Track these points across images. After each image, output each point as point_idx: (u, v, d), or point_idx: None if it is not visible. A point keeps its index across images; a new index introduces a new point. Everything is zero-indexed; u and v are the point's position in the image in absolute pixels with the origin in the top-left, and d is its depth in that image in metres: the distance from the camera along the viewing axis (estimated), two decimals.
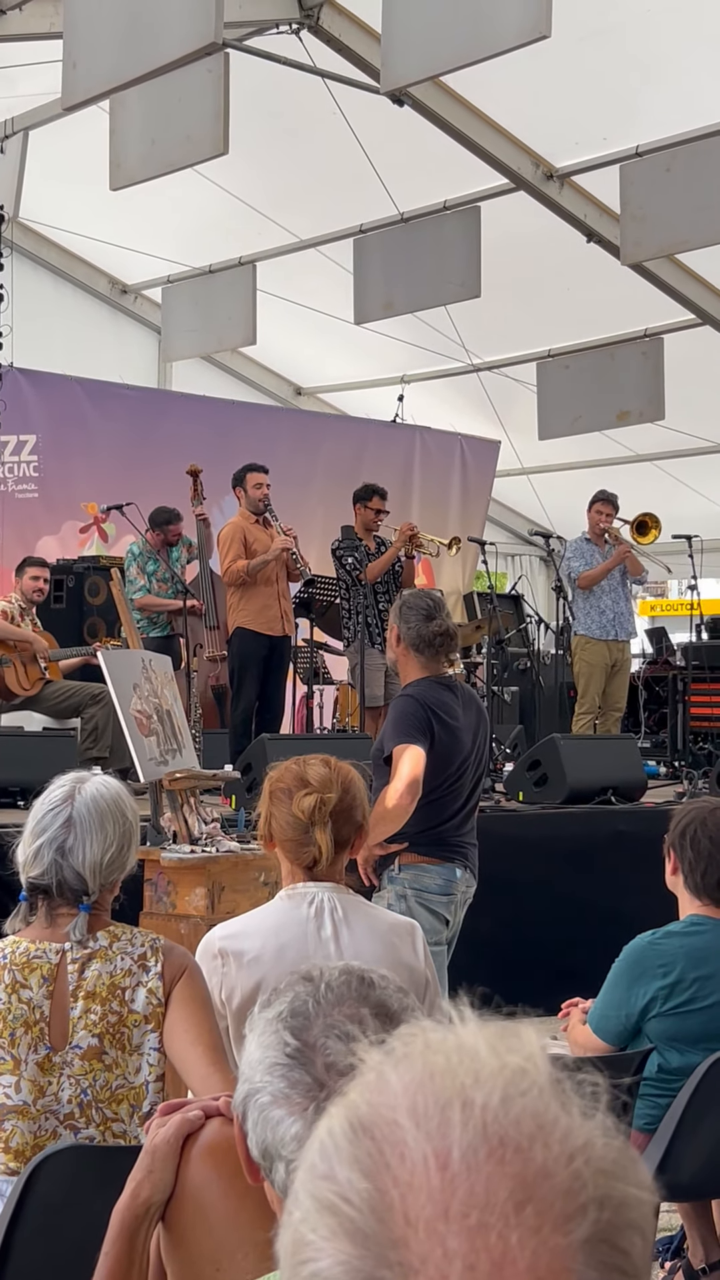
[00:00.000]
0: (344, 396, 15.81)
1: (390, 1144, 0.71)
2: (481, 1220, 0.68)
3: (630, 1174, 0.72)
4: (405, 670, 5.14)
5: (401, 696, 5.10)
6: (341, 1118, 0.74)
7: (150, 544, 9.69)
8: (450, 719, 5.00)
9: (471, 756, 5.10)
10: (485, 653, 10.77)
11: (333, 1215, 0.70)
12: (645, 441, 13.82)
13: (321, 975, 1.41)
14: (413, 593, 5.44)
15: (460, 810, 5.10)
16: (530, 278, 12.06)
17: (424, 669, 5.07)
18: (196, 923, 5.08)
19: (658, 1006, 3.58)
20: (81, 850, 2.69)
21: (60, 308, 13.89)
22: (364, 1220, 0.69)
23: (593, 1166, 0.70)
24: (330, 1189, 0.71)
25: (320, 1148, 0.74)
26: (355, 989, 1.39)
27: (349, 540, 9.56)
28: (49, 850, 2.70)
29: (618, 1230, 0.70)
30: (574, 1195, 0.69)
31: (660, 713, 13.28)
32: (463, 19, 7.47)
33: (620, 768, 8.62)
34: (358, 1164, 0.71)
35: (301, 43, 10.06)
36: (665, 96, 10.04)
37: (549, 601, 13.44)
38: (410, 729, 4.88)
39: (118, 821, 2.74)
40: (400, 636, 5.07)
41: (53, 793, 2.77)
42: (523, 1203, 0.68)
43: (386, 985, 1.41)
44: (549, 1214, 0.68)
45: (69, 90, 7.95)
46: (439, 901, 5.00)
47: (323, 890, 3.08)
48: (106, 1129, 2.63)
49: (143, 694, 5.58)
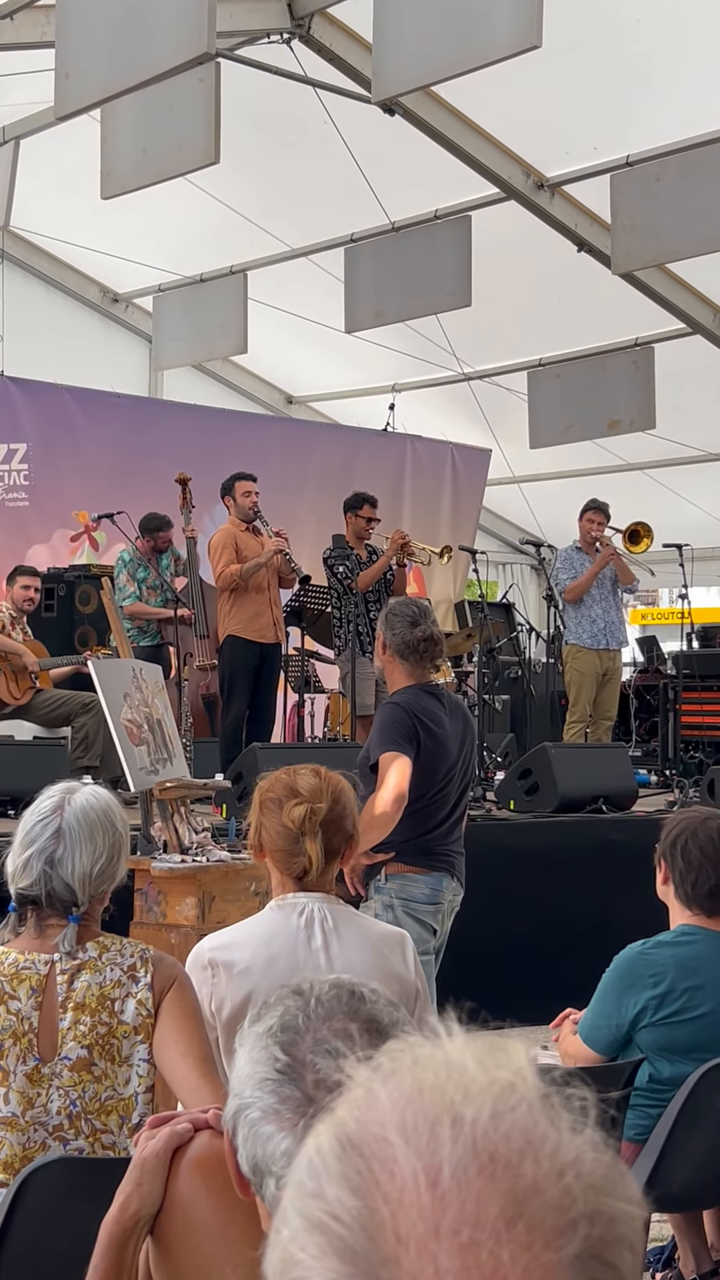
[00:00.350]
0: (335, 405, 15.82)
1: (380, 1161, 0.71)
2: (473, 1237, 0.67)
3: (620, 1189, 0.72)
4: (392, 678, 5.14)
5: (387, 704, 5.10)
6: (330, 1135, 0.74)
7: (140, 551, 9.70)
8: (436, 727, 4.99)
9: (458, 765, 5.09)
10: (476, 661, 10.77)
11: (322, 1234, 0.70)
12: (636, 450, 13.83)
13: (312, 989, 1.40)
14: (398, 600, 5.45)
15: (446, 819, 5.09)
16: (521, 287, 12.08)
17: (410, 676, 5.08)
18: (187, 932, 5.07)
19: (648, 1016, 3.58)
20: (71, 861, 2.68)
21: (51, 316, 13.89)
22: (354, 1238, 0.69)
23: (583, 1182, 0.70)
24: (319, 1207, 0.71)
25: (309, 1165, 0.73)
26: (346, 1003, 1.39)
27: (340, 549, 9.56)
28: (38, 861, 2.69)
29: (608, 1245, 0.69)
30: (565, 1211, 0.69)
31: (651, 721, 13.29)
32: (454, 29, 7.49)
33: (611, 777, 8.62)
34: (347, 1181, 0.71)
35: (293, 52, 10.08)
36: (656, 106, 10.07)
37: (540, 610, 13.44)
38: (396, 737, 4.88)
39: (107, 832, 2.73)
40: (386, 644, 5.08)
41: (42, 803, 2.76)
42: (514, 1219, 0.68)
43: (377, 999, 1.40)
44: (540, 1230, 0.68)
45: (61, 99, 7.94)
46: (426, 911, 5.00)
47: (313, 900, 3.07)
48: (96, 1140, 2.62)
49: (133, 703, 5.58)
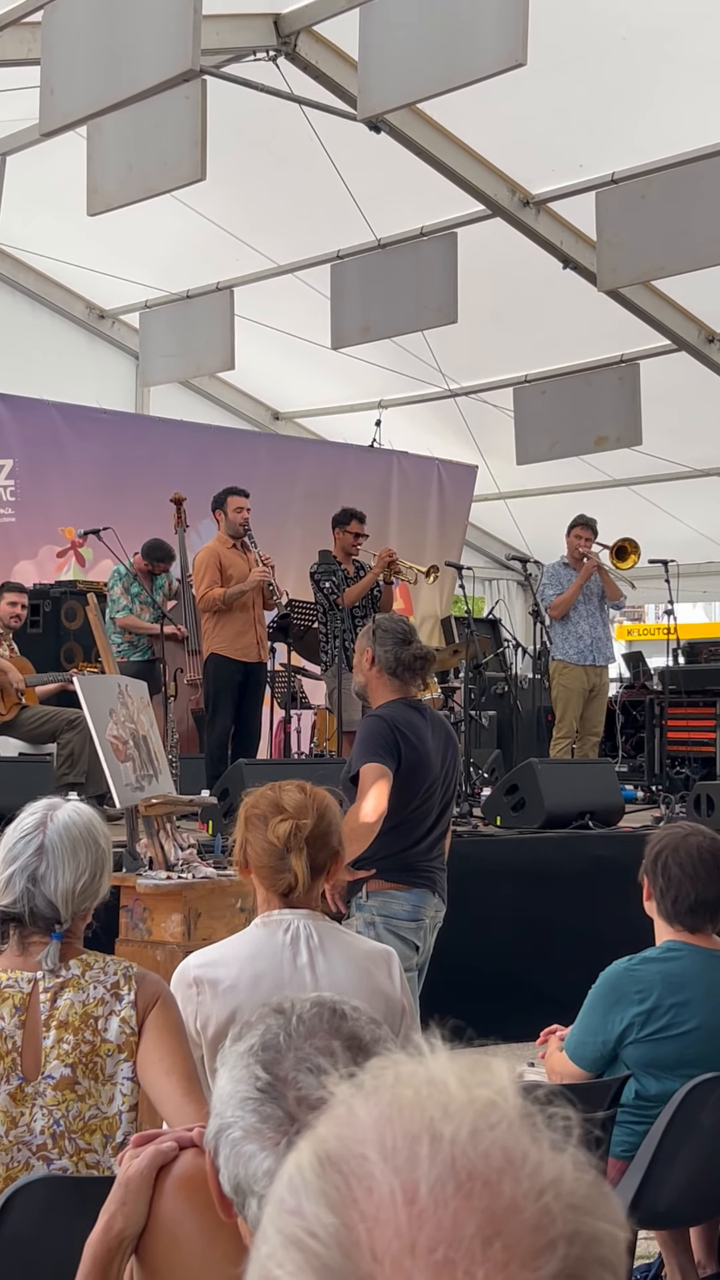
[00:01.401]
0: (322, 421, 15.84)
1: (358, 1178, 0.71)
2: (448, 1256, 0.67)
3: (601, 1209, 0.71)
4: (376, 693, 5.12)
5: (369, 717, 5.09)
6: (309, 1152, 0.73)
7: (137, 567, 9.73)
8: (418, 740, 4.98)
9: (440, 780, 5.07)
10: (463, 677, 10.78)
11: (299, 1251, 0.70)
12: (622, 466, 13.86)
13: (293, 1007, 1.40)
14: (385, 617, 5.44)
15: (428, 835, 5.07)
16: (507, 304, 12.11)
17: (395, 692, 5.07)
18: (172, 949, 5.05)
19: (635, 1033, 3.57)
20: (54, 878, 2.67)
21: (37, 332, 13.90)
22: (330, 1256, 0.69)
23: (562, 1201, 0.69)
24: (297, 1224, 0.71)
25: (288, 1182, 0.73)
26: (327, 1021, 1.38)
27: (326, 564, 9.56)
28: (20, 878, 2.68)
29: (587, 1266, 0.69)
30: (543, 1231, 0.68)
31: (638, 737, 13.30)
32: (439, 46, 7.51)
33: (598, 792, 8.62)
34: (325, 1199, 0.71)
35: (279, 69, 10.10)
36: (641, 123, 10.11)
37: (526, 626, 13.45)
38: (377, 748, 4.87)
39: (90, 849, 2.72)
40: (375, 659, 5.06)
41: (24, 820, 2.75)
42: (490, 1238, 0.67)
43: (359, 1017, 1.40)
44: (517, 1250, 0.67)
45: (46, 116, 7.95)
46: (407, 928, 4.98)
47: (298, 917, 3.07)
48: (80, 1159, 2.60)
49: (119, 719, 5.57)
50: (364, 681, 5.18)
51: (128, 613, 9.57)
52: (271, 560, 9.35)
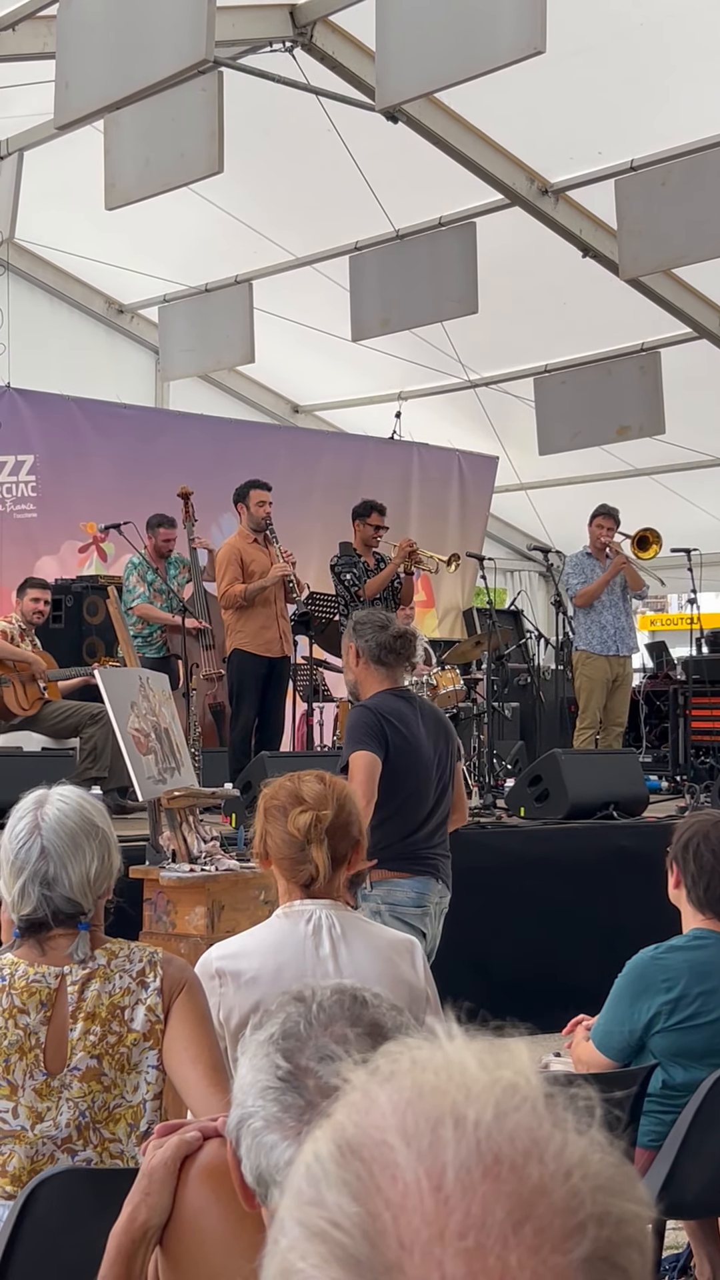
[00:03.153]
0: (341, 414, 15.82)
1: (380, 1165, 0.69)
2: (479, 1241, 0.66)
3: (627, 1190, 0.70)
4: (365, 686, 5.18)
5: (354, 708, 5.16)
6: (328, 1140, 0.72)
7: (148, 552, 9.72)
8: (405, 728, 5.04)
9: (434, 766, 5.12)
10: (485, 668, 10.75)
11: (323, 1242, 0.68)
12: (643, 456, 13.82)
13: (314, 995, 1.38)
14: (363, 611, 5.51)
15: (426, 821, 5.11)
16: (526, 293, 12.06)
17: (384, 681, 5.13)
18: (196, 942, 5.05)
19: (661, 1022, 3.55)
20: (65, 877, 2.64)
21: (56, 328, 13.90)
22: (356, 1246, 0.67)
23: (590, 1183, 0.68)
24: (319, 1215, 0.69)
25: (307, 1172, 0.72)
26: (348, 1009, 1.37)
27: (347, 556, 9.55)
28: (34, 887, 2.64)
29: (617, 1247, 0.68)
30: (572, 1213, 0.67)
31: (661, 727, 13.26)
32: (457, 35, 7.48)
33: (622, 783, 8.60)
34: (347, 1187, 0.69)
35: (295, 60, 10.08)
36: (660, 110, 10.05)
37: (549, 617, 13.42)
38: (363, 736, 4.94)
39: (90, 834, 2.68)
40: (359, 653, 5.13)
41: (16, 826, 2.69)
42: (520, 1222, 0.66)
43: (380, 1004, 1.38)
44: (547, 1233, 0.66)
45: (62, 110, 7.95)
46: (413, 914, 4.99)
47: (320, 908, 3.06)
48: (104, 1150, 2.59)
49: (140, 712, 5.56)
50: (354, 679, 5.25)
51: (144, 600, 9.55)
52: (293, 556, 9.33)
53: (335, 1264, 0.67)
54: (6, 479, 12.08)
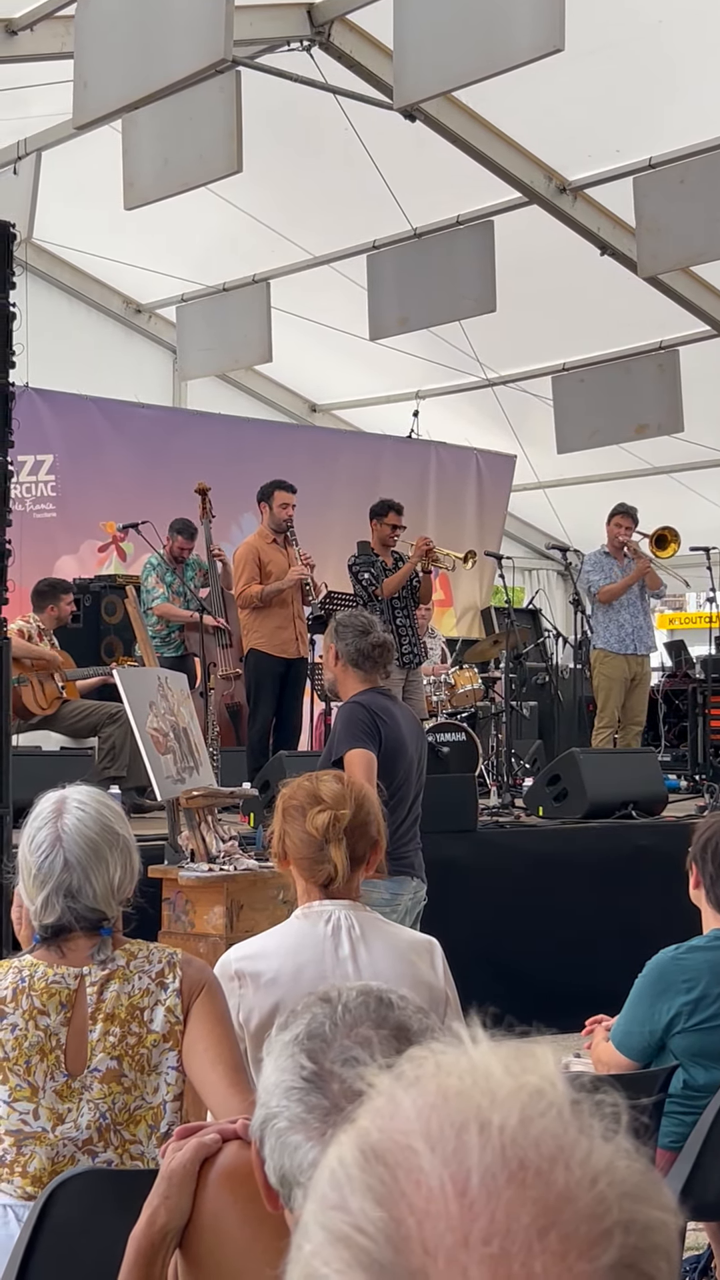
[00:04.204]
0: (359, 413, 15.81)
1: (405, 1170, 0.68)
2: (504, 1248, 0.65)
3: (654, 1196, 0.69)
4: (345, 686, 5.36)
5: (347, 704, 5.28)
6: (352, 1145, 0.71)
7: (167, 553, 9.73)
8: (394, 725, 5.20)
9: (415, 765, 5.31)
10: (503, 667, 10.74)
11: (347, 1247, 0.67)
12: (662, 454, 13.79)
13: (339, 996, 1.38)
14: (346, 613, 5.69)
15: (405, 818, 5.26)
16: (544, 291, 12.04)
17: (363, 683, 5.31)
18: (215, 941, 5.05)
19: (682, 1022, 3.54)
20: (90, 888, 2.63)
21: (74, 328, 13.92)
22: (380, 1252, 0.66)
23: (616, 1189, 0.68)
24: (343, 1220, 0.68)
25: (330, 1177, 0.71)
26: (374, 1010, 1.36)
27: (365, 556, 9.54)
28: (57, 898, 2.63)
29: (644, 1255, 0.67)
30: (599, 1220, 0.66)
31: (680, 726, 13.23)
32: (475, 34, 7.47)
33: (640, 782, 8.58)
34: (371, 1192, 0.68)
35: (313, 59, 10.07)
36: (678, 108, 10.03)
37: (567, 615, 13.40)
38: (359, 733, 5.08)
39: (112, 843, 2.67)
40: (339, 654, 5.30)
41: (36, 836, 2.67)
42: (546, 1228, 0.65)
43: (406, 1006, 1.38)
44: (574, 1240, 0.65)
45: (80, 109, 7.96)
46: (382, 914, 5.01)
47: (339, 908, 3.05)
48: (124, 1151, 2.59)
49: (159, 712, 5.56)
50: (333, 678, 5.45)
51: (163, 600, 9.56)
52: (312, 559, 9.32)
53: (359, 1269, 0.66)
54: (26, 479, 12.10)
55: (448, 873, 6.43)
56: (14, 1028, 2.58)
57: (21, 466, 12.01)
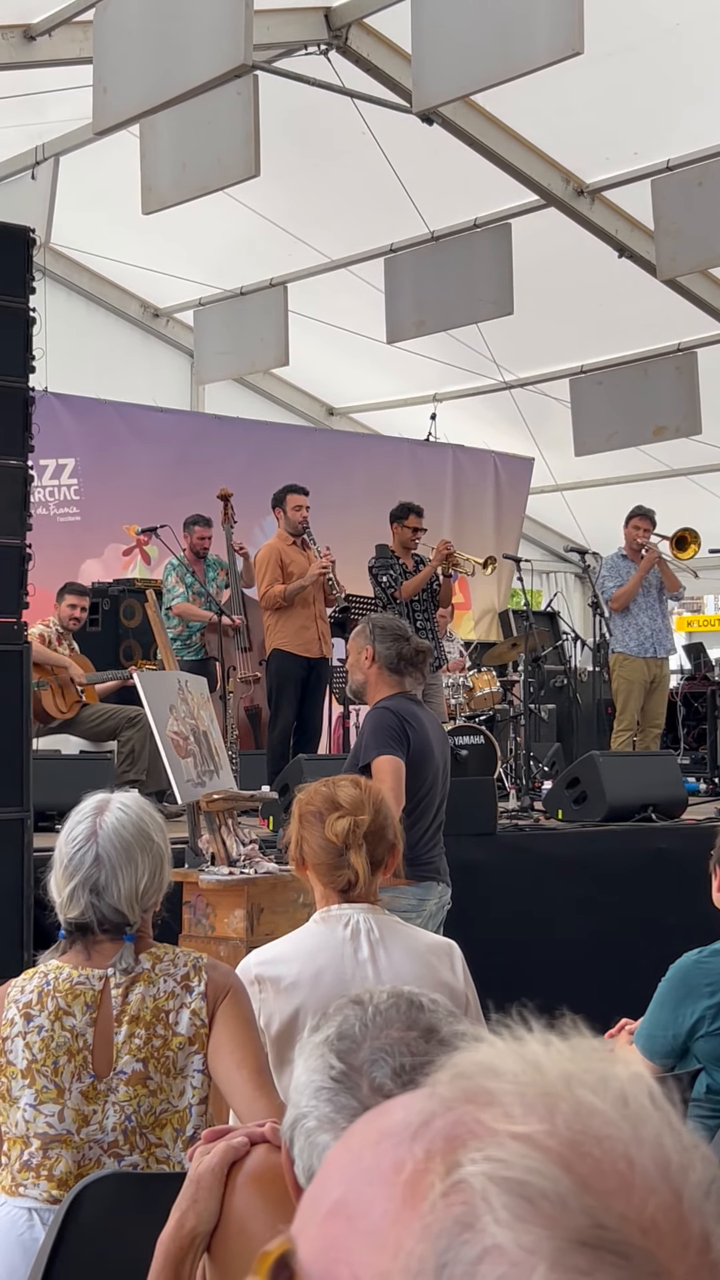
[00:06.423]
0: (377, 416, 15.81)
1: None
2: None
3: None
4: (375, 689, 5.27)
5: (376, 709, 5.22)
6: (535, 1153, 0.68)
7: (186, 553, 9.74)
8: (421, 731, 5.13)
9: (440, 771, 5.23)
10: (522, 670, 10.72)
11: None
12: (680, 456, 13.76)
13: (371, 999, 1.38)
14: (381, 616, 5.62)
15: (431, 824, 5.22)
16: (562, 294, 12.04)
17: (394, 687, 5.22)
18: (236, 945, 5.05)
19: (705, 1025, 3.53)
20: (115, 887, 2.64)
21: (93, 332, 13.94)
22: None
23: None
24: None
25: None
26: (404, 1012, 1.36)
27: (384, 558, 9.53)
28: (83, 892, 2.64)
29: None
30: None
31: (699, 729, 13.19)
32: (494, 37, 7.46)
33: (660, 785, 8.55)
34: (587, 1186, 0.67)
35: (330, 63, 10.08)
36: (696, 110, 10.02)
37: (585, 618, 13.39)
38: (388, 739, 5.01)
39: (145, 848, 2.68)
40: (375, 656, 5.21)
41: (75, 829, 2.70)
42: None
43: (437, 1009, 1.38)
44: None
45: (99, 115, 7.97)
46: (409, 920, 5.01)
47: (358, 912, 3.04)
48: (150, 1155, 2.59)
49: (179, 715, 5.56)
50: (362, 679, 5.32)
51: (183, 599, 9.56)
52: (331, 554, 9.31)
53: None
54: (48, 482, 12.12)
55: (467, 875, 6.42)
56: (41, 1029, 2.59)
57: (44, 470, 12.04)
